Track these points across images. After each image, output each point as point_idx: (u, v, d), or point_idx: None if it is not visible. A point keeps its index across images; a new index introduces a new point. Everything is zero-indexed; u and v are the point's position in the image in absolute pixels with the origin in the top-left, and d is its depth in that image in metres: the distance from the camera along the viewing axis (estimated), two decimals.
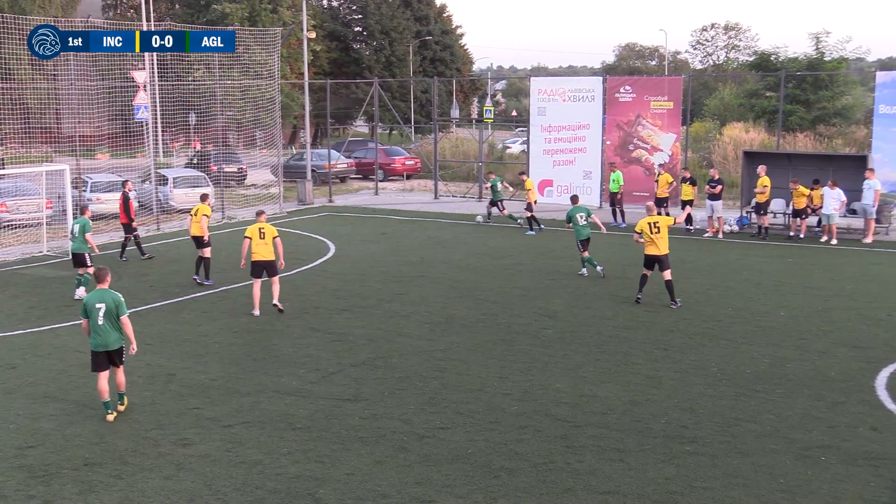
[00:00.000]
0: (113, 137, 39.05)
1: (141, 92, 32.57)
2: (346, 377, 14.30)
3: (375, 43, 79.43)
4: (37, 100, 40.15)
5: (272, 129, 36.58)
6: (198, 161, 40.27)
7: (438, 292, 20.34)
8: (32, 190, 29.68)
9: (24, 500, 10.06)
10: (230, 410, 12.84)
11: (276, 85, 35.66)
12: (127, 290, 20.66)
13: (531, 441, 11.59)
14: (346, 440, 11.67)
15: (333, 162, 42.79)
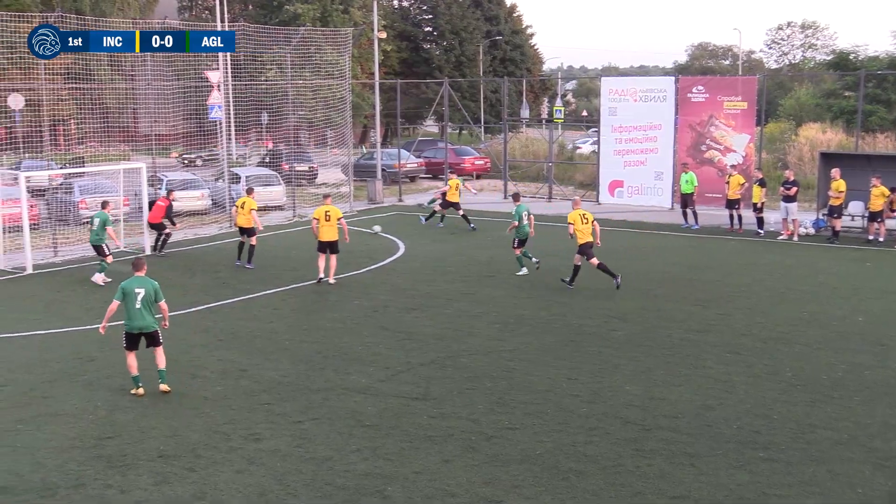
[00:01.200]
0: (187, 136, 39.79)
1: (215, 91, 33.12)
2: (415, 376, 14.36)
3: (445, 43, 79.55)
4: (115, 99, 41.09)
5: (343, 128, 36.90)
6: (270, 160, 40.82)
7: (507, 292, 20.30)
8: (110, 187, 30.36)
9: (103, 489, 10.32)
10: (300, 407, 12.98)
11: (346, 85, 35.98)
12: (200, 287, 21.13)
13: (600, 443, 11.50)
14: (415, 438, 11.72)
15: (403, 161, 43.00)
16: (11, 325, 17.90)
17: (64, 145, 43.70)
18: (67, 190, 31.54)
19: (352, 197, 36.19)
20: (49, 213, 28.73)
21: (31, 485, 10.44)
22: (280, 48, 37.03)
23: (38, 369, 14.91)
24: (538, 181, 42.99)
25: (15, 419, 12.58)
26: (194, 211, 32.74)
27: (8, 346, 16.45)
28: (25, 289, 21.60)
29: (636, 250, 25.69)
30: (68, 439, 11.81)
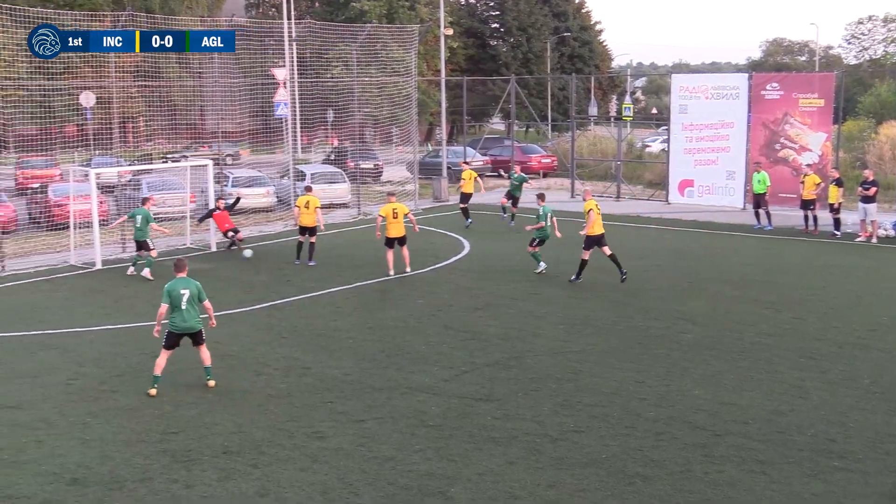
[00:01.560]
0: (253, 134, 40.34)
1: (281, 89, 33.50)
2: (479, 376, 14.37)
3: (513, 39, 79.33)
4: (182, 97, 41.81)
5: (408, 125, 37.04)
6: (335, 157, 41.15)
7: (573, 292, 20.19)
8: (177, 184, 30.90)
9: (168, 483, 10.52)
10: (363, 406, 13.07)
11: (412, 82, 36.10)
12: (264, 284, 21.40)
13: (668, 448, 11.38)
14: (479, 439, 11.72)
15: (469, 159, 42.98)
16: (82, 320, 18.33)
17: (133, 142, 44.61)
18: (136, 187, 32.18)
19: (417, 195, 36.31)
20: (118, 209, 29.36)
21: (100, 477, 10.68)
22: (346, 45, 37.34)
23: (106, 364, 15.25)
24: (606, 180, 42.65)
25: (85, 412, 12.89)
26: (259, 208, 33.15)
27: (78, 340, 16.85)
28: (95, 284, 22.10)
29: (706, 251, 25.36)
30: (135, 433, 12.06)
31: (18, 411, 12.99)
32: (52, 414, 12.86)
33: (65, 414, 12.86)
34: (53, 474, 10.79)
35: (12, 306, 19.79)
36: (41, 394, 13.74)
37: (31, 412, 12.94)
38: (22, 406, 13.21)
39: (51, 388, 14.03)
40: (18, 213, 30.00)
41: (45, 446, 11.67)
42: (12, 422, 12.57)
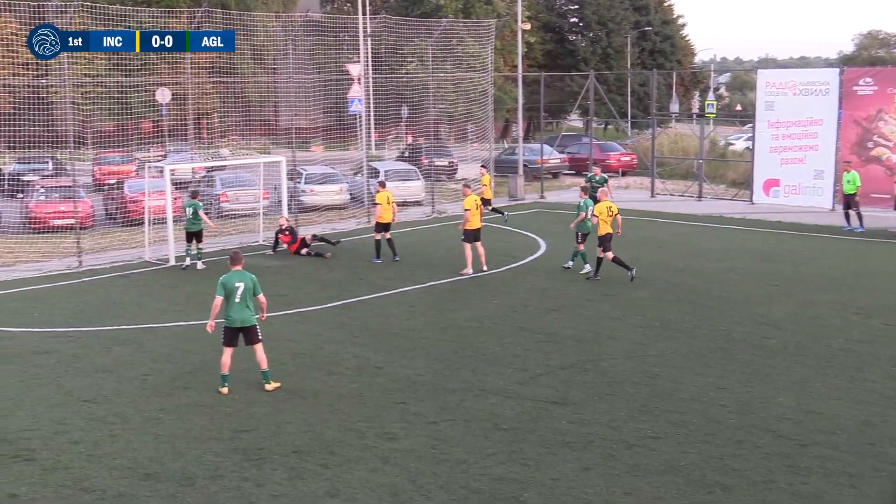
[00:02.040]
0: (327, 130, 40.76)
1: (355, 85, 33.79)
2: (553, 379, 14.31)
3: (592, 34, 78.82)
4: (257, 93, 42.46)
5: (484, 122, 37.08)
6: (409, 154, 41.38)
7: (652, 295, 19.99)
8: (251, 181, 31.39)
9: (239, 480, 10.69)
10: (436, 407, 13.12)
11: (488, 78, 36.13)
12: (336, 282, 21.61)
13: (749, 457, 11.19)
14: (553, 444, 11.68)
15: (546, 157, 42.86)
16: (155, 316, 18.74)
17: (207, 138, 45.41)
18: (209, 183, 32.78)
19: (492, 193, 36.23)
20: None
21: (172, 473, 10.91)
22: (421, 40, 37.52)
23: (179, 360, 15.57)
24: (687, 179, 42.12)
25: (158, 408, 13.18)
26: (332, 205, 33.49)
27: (152, 336, 17.23)
28: (168, 280, 22.57)
29: (792, 254, 24.87)
30: (207, 430, 12.29)
31: (94, 405, 13.34)
32: (127, 409, 13.18)
33: (139, 409, 13.16)
34: (127, 469, 11.06)
35: (89, 301, 20.33)
36: (116, 389, 14.09)
37: (106, 406, 13.28)
38: (97, 400, 13.56)
39: (125, 383, 14.38)
40: (95, 209, 30.77)
41: (119, 441, 11.97)
42: (89, 415, 12.92)
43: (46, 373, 14.96)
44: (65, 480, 10.74)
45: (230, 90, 38.92)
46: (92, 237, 27.18)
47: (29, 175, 36.18)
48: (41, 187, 31.18)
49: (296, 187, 31.23)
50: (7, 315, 19.02)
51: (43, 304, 20.12)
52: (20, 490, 10.51)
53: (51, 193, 30.37)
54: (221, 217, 30.44)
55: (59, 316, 18.93)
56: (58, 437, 12.12)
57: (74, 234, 25.17)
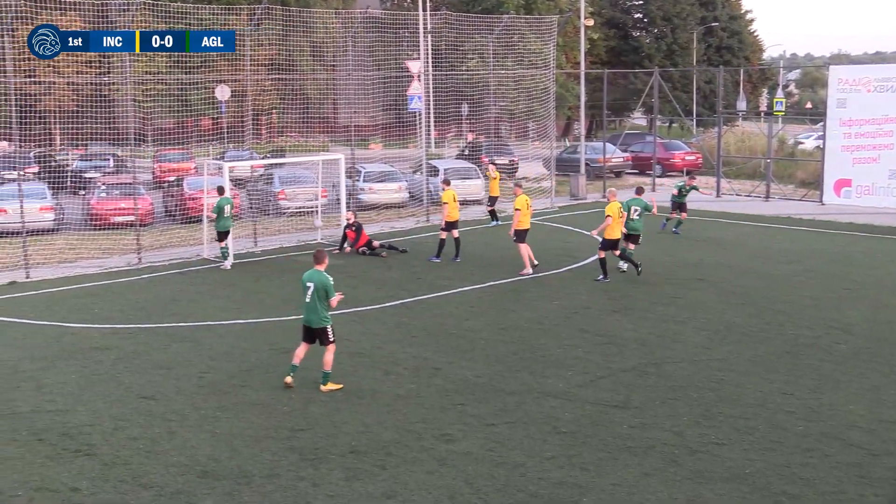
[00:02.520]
0: (386, 127, 40.95)
1: (415, 82, 33.89)
2: (614, 382, 14.22)
3: (656, 30, 78.17)
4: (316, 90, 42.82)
5: (545, 120, 36.94)
6: (469, 152, 41.39)
7: (717, 297, 19.76)
8: (309, 178, 31.64)
9: (295, 480, 10.80)
10: (494, 409, 13.11)
11: (550, 75, 35.98)
12: (395, 282, 21.71)
13: (818, 466, 11.01)
14: (613, 448, 11.61)
15: (608, 156, 42.58)
16: (213, 314, 19.00)
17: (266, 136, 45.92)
18: (268, 180, 33.11)
19: (553, 192, 36.17)
20: (250, 203, 30.29)
21: (229, 471, 11.06)
22: (482, 37, 37.52)
23: (236, 358, 15.76)
24: (755, 179, 41.56)
25: (215, 406, 13.36)
26: (391, 204, 33.63)
27: (210, 333, 17.46)
28: (226, 278, 22.85)
29: (865, 256, 24.41)
30: (263, 429, 12.43)
31: (153, 402, 13.57)
32: (185, 406, 13.38)
33: (196, 407, 13.36)
34: (184, 465, 11.23)
35: (147, 298, 20.67)
36: (174, 386, 14.31)
37: (164, 403, 13.50)
38: (156, 397, 13.79)
39: (183, 380, 14.60)
40: (155, 206, 31.26)
41: (177, 438, 12.16)
42: (147, 412, 13.14)
43: (106, 369, 15.25)
44: (124, 476, 10.95)
45: (289, 87, 39.30)
46: (151, 234, 27.64)
47: (91, 172, 36.93)
48: (102, 184, 31.78)
49: (354, 185, 31.42)
50: (69, 311, 19.44)
51: (103, 300, 20.52)
52: (81, 484, 10.74)
53: (112, 190, 30.94)
54: (280, 214, 30.72)
55: (118, 312, 19.29)
56: (117, 432, 12.36)
57: (134, 231, 25.61)
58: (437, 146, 49.51)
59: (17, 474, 11.06)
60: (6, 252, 25.23)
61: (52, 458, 11.54)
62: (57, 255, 25.33)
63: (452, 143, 50.10)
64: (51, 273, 23.55)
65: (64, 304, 20.26)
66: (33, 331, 17.90)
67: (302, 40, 34.26)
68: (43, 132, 43.79)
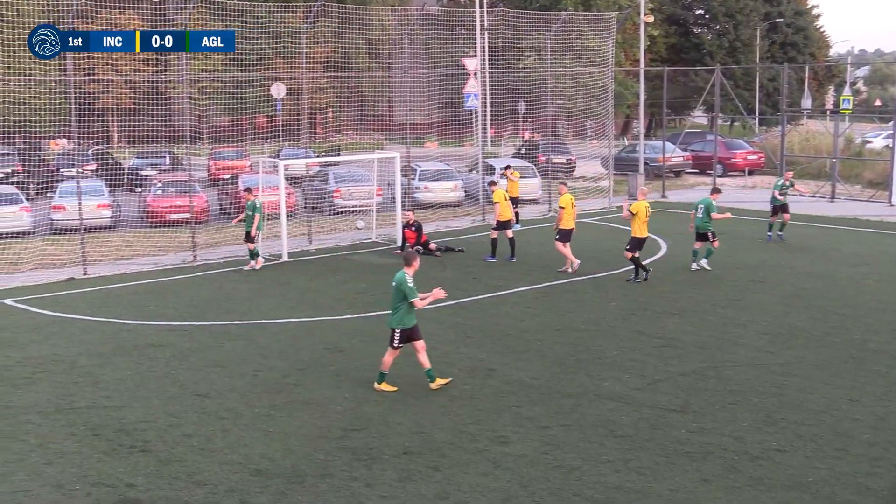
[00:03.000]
0: (442, 126, 41.02)
1: (471, 80, 33.91)
2: (673, 386, 14.10)
3: (718, 27, 77.35)
4: (372, 88, 43.04)
5: (604, 118, 36.74)
6: (526, 151, 41.32)
7: (780, 300, 19.49)
8: (364, 177, 31.80)
9: (348, 480, 10.87)
10: (549, 411, 13.07)
11: (609, 72, 35.78)
12: (451, 281, 21.69)
13: (886, 476, 10.81)
14: (671, 453, 11.51)
15: (668, 155, 42.22)
16: (267, 312, 19.18)
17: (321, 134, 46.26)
18: (323, 179, 33.35)
19: (611, 192, 35.96)
20: (305, 201, 30.53)
21: (282, 470, 11.16)
22: (540, 34, 37.43)
23: (290, 357, 15.90)
24: (820, 179, 40.94)
25: (269, 405, 13.49)
26: (447, 203, 33.66)
27: (263, 332, 17.64)
28: (281, 276, 23.06)
29: None
30: (317, 428, 12.52)
31: (207, 400, 13.74)
32: (238, 404, 13.53)
33: (250, 405, 13.50)
34: (238, 464, 11.35)
35: (202, 296, 20.94)
36: (228, 384, 14.48)
37: (218, 401, 13.67)
38: (210, 395, 13.96)
39: (237, 378, 14.76)
40: (210, 204, 31.66)
41: (230, 436, 12.30)
42: (201, 409, 13.31)
43: (161, 366, 15.48)
44: (178, 473, 11.10)
45: (345, 85, 39.56)
46: (206, 232, 27.98)
47: (147, 170, 37.51)
48: (158, 182, 32.24)
49: (410, 184, 31.52)
50: (125, 308, 19.76)
51: (159, 297, 20.83)
52: (137, 480, 10.91)
53: (167, 188, 31.41)
54: (336, 214, 30.93)
55: (173, 309, 19.57)
56: (172, 429, 12.54)
57: (190, 229, 25.95)
58: (494, 144, 49.48)
59: (75, 468, 11.28)
60: (65, 248, 25.74)
61: (109, 453, 11.75)
62: (114, 252, 25.80)
63: (509, 142, 50.05)
64: (108, 270, 23.98)
65: (120, 300, 20.61)
66: (90, 327, 18.24)
67: (358, 38, 34.49)
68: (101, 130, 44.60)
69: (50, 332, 17.89)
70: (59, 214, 28.64)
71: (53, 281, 22.75)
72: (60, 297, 20.98)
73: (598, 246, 25.40)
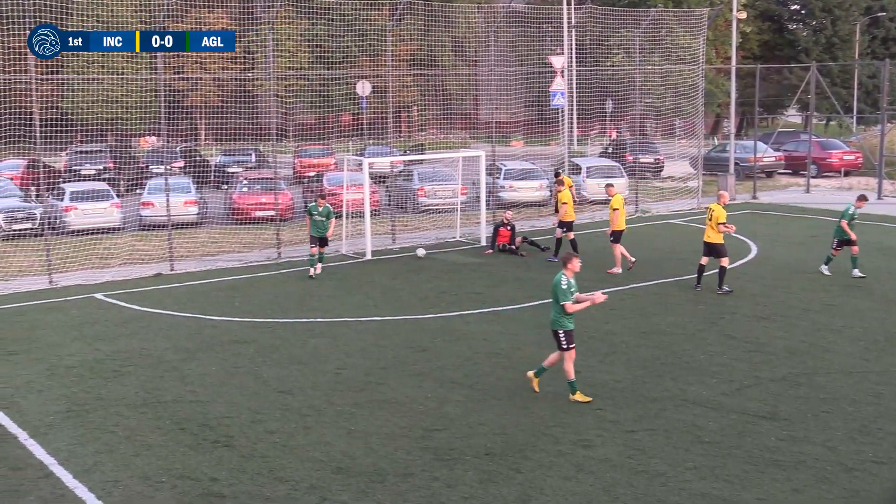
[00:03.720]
0: (528, 124, 40.92)
1: (558, 77, 33.76)
2: (762, 392, 13.85)
3: (815, 22, 75.65)
4: (457, 86, 43.13)
5: (693, 117, 36.27)
6: (613, 150, 41.00)
7: (877, 305, 19.00)
8: (449, 175, 31.89)
9: (429, 480, 10.91)
10: (634, 415, 12.96)
11: (699, 70, 35.29)
12: (535, 282, 21.69)
13: None
14: (760, 462, 11.31)
15: (759, 155, 41.46)
16: (350, 310, 19.37)
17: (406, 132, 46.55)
18: (407, 177, 33.54)
19: (700, 193, 35.46)
20: (389, 199, 30.75)
21: (363, 468, 11.26)
22: (628, 31, 37.08)
23: (373, 355, 16.03)
24: None
25: (351, 403, 13.62)
26: (532, 202, 33.57)
27: (347, 329, 17.82)
28: (364, 274, 23.26)
29: None
30: (399, 427, 12.60)
31: (290, 397, 13.94)
32: (321, 402, 13.69)
33: (332, 402, 13.65)
34: (320, 461, 11.49)
35: (286, 293, 21.24)
36: (311, 381, 14.66)
37: (301, 398, 13.85)
38: (293, 392, 14.16)
39: (320, 375, 14.94)
40: (295, 201, 32.06)
41: (313, 433, 12.46)
42: (284, 406, 13.51)
43: (245, 362, 15.75)
44: (260, 469, 11.29)
45: (430, 83, 39.70)
46: (291, 229, 28.35)
47: (233, 167, 38.20)
48: (244, 179, 32.78)
49: (494, 183, 31.51)
50: (211, 304, 20.16)
51: (244, 293, 21.20)
52: (220, 475, 11.13)
53: (253, 185, 31.93)
54: (420, 212, 31.08)
55: (257, 306, 19.89)
56: (255, 425, 12.75)
57: (275, 226, 26.33)
58: (580, 144, 49.19)
59: (161, 461, 11.55)
60: (153, 244, 26.36)
61: (193, 447, 12.00)
62: (200, 249, 26.33)
63: (595, 141, 49.71)
64: (194, 266, 24.49)
65: (206, 296, 21.03)
66: (177, 322, 18.65)
67: (443, 35, 34.61)
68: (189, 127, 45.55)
69: (138, 326, 18.35)
70: (148, 211, 29.35)
71: (141, 276, 23.33)
72: (148, 293, 21.51)
73: (687, 248, 25.04)
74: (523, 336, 17.08)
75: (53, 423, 13.02)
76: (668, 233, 28.96)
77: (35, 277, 23.05)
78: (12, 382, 14.90)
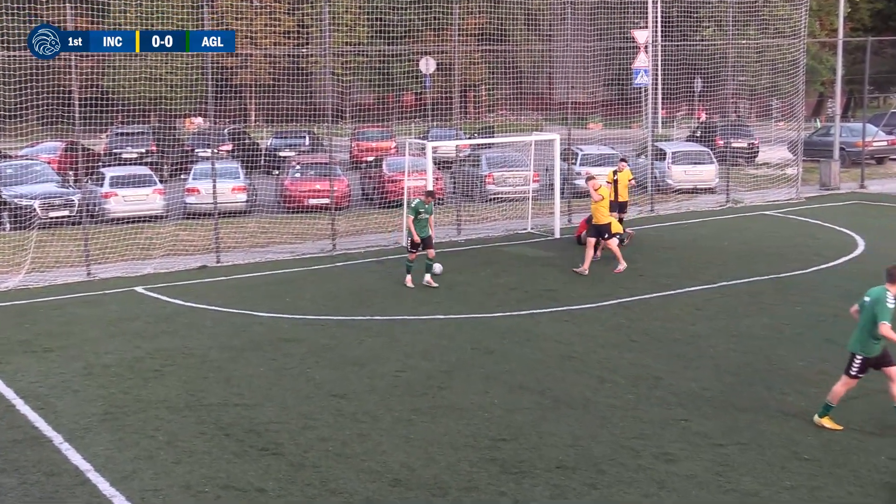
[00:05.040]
0: (607, 105, 40.62)
1: (641, 54, 33.45)
2: (869, 404, 13.57)
3: None
4: (530, 63, 42.95)
5: (793, 97, 35.66)
6: (701, 134, 40.55)
7: None
8: (520, 161, 31.77)
9: (496, 495, 10.88)
10: (723, 427, 12.80)
11: (801, 44, 34.70)
12: (613, 278, 21.54)
13: None
14: (867, 483, 11.09)
15: (869, 139, 40.69)
16: (411, 307, 19.41)
17: (473, 113, 46.50)
18: (474, 162, 33.49)
19: (800, 181, 34.91)
20: (454, 187, 30.73)
21: (423, 481, 11.26)
22: (720, 1, 36.62)
23: (435, 357, 16.04)
24: None
25: (410, 408, 13.64)
26: None
27: (406, 329, 17.86)
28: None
29: None
30: (462, 436, 12.59)
31: (344, 401, 14.00)
32: (378, 407, 13.73)
33: (390, 408, 13.68)
34: (376, 472, 11.52)
35: (341, 288, 21.36)
36: (367, 384, 14.71)
37: (356, 403, 13.90)
38: (348, 396, 14.22)
39: (377, 378, 14.98)
40: (352, 189, 32.17)
41: (368, 441, 12.49)
42: (338, 411, 13.57)
43: (296, 363, 15.86)
44: (311, 479, 11.35)
45: (500, 60, 39.59)
46: (347, 219, 28.48)
47: (285, 151, 38.49)
48: (297, 164, 32.92)
49: (570, 169, 31.34)
50: (259, 299, 20.34)
51: (295, 288, 21.35)
52: (268, 485, 11.21)
53: (307, 171, 32.03)
54: (487, 201, 31.02)
55: (310, 302, 20.02)
56: (306, 432, 12.82)
57: (329, 216, 26.45)
58: (665, 126, 48.72)
59: (204, 469, 11.67)
60: (198, 234, 26.67)
61: (239, 455, 12.11)
62: (248, 239, 26.57)
63: (682, 124, 49.21)
64: (241, 258, 24.72)
65: (254, 291, 21.22)
66: (222, 318, 18.85)
67: (515, 7, 34.43)
68: (238, 108, 46.04)
69: (181, 322, 18.59)
70: (193, 197, 29.68)
71: (185, 268, 23.62)
72: (192, 286, 21.77)
73: (785, 242, 24.68)
74: (600, 338, 16.97)
75: (90, 426, 13.24)
76: (762, 226, 28.52)
77: (72, 269, 23.49)
78: (47, 382, 15.19)
